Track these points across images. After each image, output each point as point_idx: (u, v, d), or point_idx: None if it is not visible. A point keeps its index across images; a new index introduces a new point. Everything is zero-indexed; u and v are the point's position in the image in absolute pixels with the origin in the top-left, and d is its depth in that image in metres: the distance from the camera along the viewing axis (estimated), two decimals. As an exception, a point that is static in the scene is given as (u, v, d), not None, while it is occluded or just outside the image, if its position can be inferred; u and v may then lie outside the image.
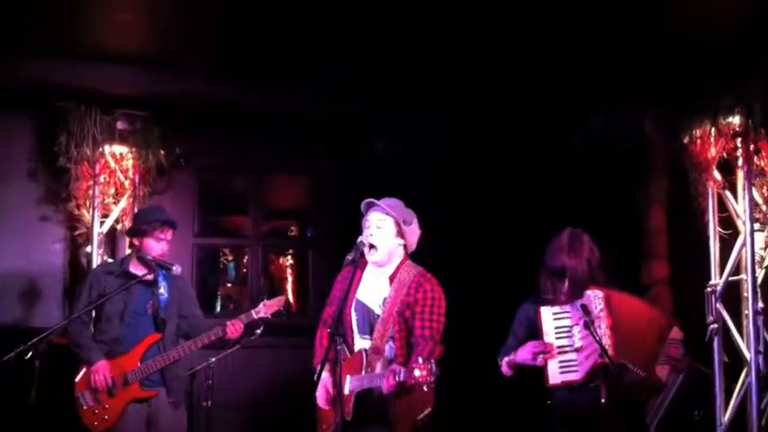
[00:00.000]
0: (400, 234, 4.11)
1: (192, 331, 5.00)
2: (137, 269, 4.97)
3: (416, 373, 3.53)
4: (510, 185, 6.79)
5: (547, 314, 4.10)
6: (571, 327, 4.04)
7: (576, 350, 4.01)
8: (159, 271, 4.94)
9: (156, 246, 4.90)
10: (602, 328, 3.95)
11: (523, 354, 4.11)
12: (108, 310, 4.85)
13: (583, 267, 4.10)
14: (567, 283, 4.13)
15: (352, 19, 5.00)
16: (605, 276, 4.17)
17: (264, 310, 4.91)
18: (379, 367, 3.91)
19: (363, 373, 3.93)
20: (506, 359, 4.21)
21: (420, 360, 3.56)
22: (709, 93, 5.67)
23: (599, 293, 4.02)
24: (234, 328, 4.84)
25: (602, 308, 3.98)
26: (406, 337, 3.98)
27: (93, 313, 4.98)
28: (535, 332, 4.15)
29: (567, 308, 4.08)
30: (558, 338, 4.06)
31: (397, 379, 3.66)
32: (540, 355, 4.04)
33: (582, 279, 4.10)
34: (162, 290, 4.91)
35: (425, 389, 3.61)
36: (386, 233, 4.08)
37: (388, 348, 3.98)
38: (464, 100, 6.36)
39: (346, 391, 3.95)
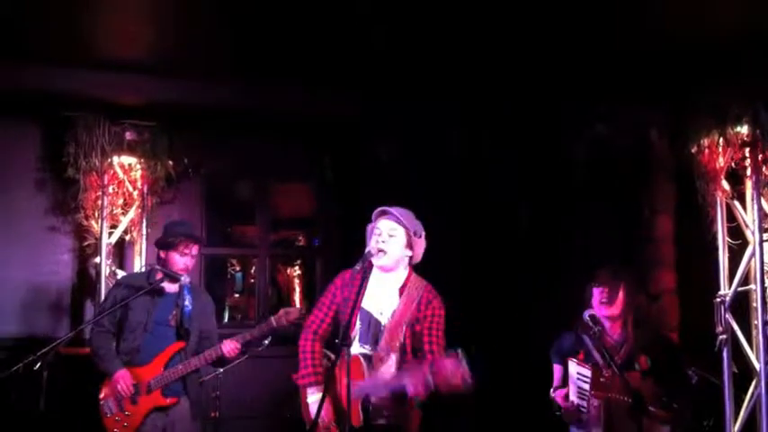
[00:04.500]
0: (409, 245, 4.10)
1: (204, 347, 4.99)
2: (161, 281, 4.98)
3: (448, 365, 3.56)
4: (514, 193, 6.77)
5: (573, 370, 4.41)
6: (588, 392, 4.29)
7: (588, 414, 4.31)
8: (185, 285, 4.96)
9: (180, 260, 4.94)
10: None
11: (559, 398, 4.52)
12: (131, 321, 4.88)
13: (616, 313, 4.41)
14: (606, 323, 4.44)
15: (355, 20, 5.00)
16: (638, 323, 4.43)
17: (286, 317, 4.85)
18: (381, 374, 3.88)
19: (366, 377, 3.89)
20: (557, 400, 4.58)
21: (448, 366, 3.57)
22: (716, 102, 5.67)
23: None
24: (230, 347, 4.83)
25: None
26: (411, 349, 3.98)
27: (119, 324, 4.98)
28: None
29: (588, 371, 4.31)
30: (578, 397, 4.36)
31: (427, 382, 3.63)
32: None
33: (619, 319, 4.44)
34: (186, 302, 4.94)
35: (461, 382, 3.56)
36: (397, 242, 4.07)
37: (392, 357, 3.95)
38: (468, 103, 6.36)
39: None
